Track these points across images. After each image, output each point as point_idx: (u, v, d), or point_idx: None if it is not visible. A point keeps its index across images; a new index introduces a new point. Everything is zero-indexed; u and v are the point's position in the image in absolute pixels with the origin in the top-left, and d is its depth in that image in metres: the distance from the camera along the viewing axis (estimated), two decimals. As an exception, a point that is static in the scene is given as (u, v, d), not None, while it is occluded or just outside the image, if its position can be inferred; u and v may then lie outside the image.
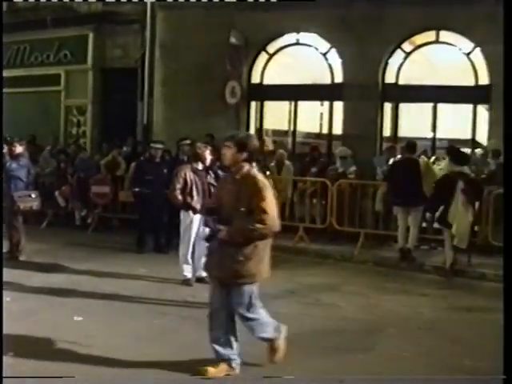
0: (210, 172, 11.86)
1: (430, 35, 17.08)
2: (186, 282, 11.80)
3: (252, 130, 19.00)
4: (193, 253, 11.96)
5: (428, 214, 14.15)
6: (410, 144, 14.51)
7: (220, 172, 11.59)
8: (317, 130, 18.95)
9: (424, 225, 15.29)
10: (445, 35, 16.88)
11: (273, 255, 14.82)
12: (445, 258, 13.75)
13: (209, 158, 11.88)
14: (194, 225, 11.80)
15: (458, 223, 13.08)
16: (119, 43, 20.65)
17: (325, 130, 18.50)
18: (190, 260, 11.91)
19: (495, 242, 14.07)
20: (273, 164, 17.55)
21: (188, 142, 15.33)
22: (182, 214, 11.89)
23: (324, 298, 11.23)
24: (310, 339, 8.90)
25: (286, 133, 19.17)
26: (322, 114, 18.51)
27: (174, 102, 19.32)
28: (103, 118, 21.06)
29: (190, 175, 11.71)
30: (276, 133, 19.79)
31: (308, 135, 19.52)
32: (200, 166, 11.86)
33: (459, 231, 13.08)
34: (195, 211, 11.70)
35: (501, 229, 14.21)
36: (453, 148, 14.52)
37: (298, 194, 16.99)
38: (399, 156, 15.35)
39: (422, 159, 14.43)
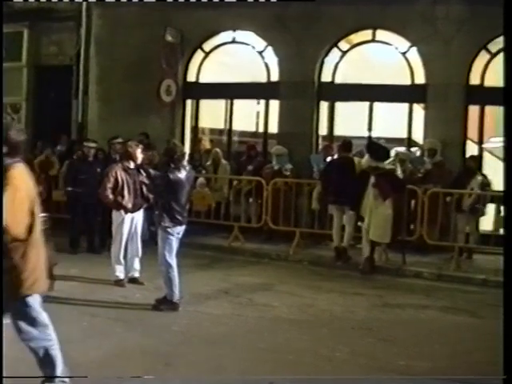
0: (141, 171, 11.65)
1: (366, 34, 17.05)
2: (118, 283, 11.59)
3: (188, 129, 18.83)
4: (125, 253, 11.75)
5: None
6: (346, 143, 14.48)
7: (152, 171, 11.44)
8: (253, 129, 18.75)
9: (360, 223, 15.28)
10: (381, 34, 16.86)
11: (207, 255, 14.94)
12: (379, 256, 13.79)
13: (140, 156, 11.68)
14: (126, 224, 11.60)
15: (371, 217, 13.12)
16: (54, 40, 20.22)
17: (261, 129, 18.28)
18: (122, 260, 11.71)
19: (431, 240, 14.10)
20: (209, 163, 17.40)
21: (119, 140, 15.10)
22: (114, 214, 11.68)
23: (258, 297, 11.10)
24: (242, 340, 8.80)
25: (222, 131, 18.91)
26: (258, 112, 18.29)
27: (109, 100, 19.01)
28: (38, 117, 20.58)
29: (121, 174, 11.51)
30: (212, 131, 19.57)
31: (244, 134, 19.32)
32: (131, 165, 11.65)
33: (375, 225, 13.08)
34: (126, 210, 11.51)
35: (436, 227, 14.53)
36: (372, 144, 14.64)
37: (233, 193, 16.86)
38: (336, 155, 15.23)
39: (357, 158, 14.35)
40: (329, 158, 15.47)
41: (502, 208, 15.16)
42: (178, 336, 8.75)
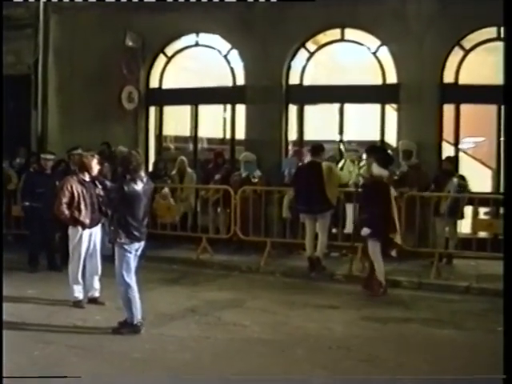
0: (97, 183, 10.84)
1: (334, 33, 16.37)
2: (76, 304, 10.80)
3: (152, 137, 18.05)
4: (83, 271, 10.97)
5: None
6: (314, 146, 13.75)
7: (108, 183, 10.65)
8: (220, 135, 17.96)
9: (334, 231, 14.62)
10: (350, 33, 16.20)
11: (175, 269, 14.17)
12: (356, 265, 13.16)
13: (96, 168, 10.86)
14: (84, 241, 10.81)
15: None
16: (12, 49, 19.20)
17: (228, 135, 17.50)
18: (80, 280, 10.93)
19: (408, 246, 13.43)
20: (174, 172, 16.64)
21: (79, 151, 14.25)
22: (71, 230, 10.88)
23: (227, 316, 10.32)
24: (211, 366, 8.04)
25: (187, 139, 18.13)
26: (224, 118, 17.52)
27: (69, 110, 18.20)
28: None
29: (76, 188, 10.71)
30: (177, 139, 18.79)
31: (211, 141, 18.58)
32: (87, 177, 10.84)
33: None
34: (84, 226, 10.72)
35: (414, 233, 13.86)
36: (376, 149, 13.74)
37: (201, 203, 16.13)
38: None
39: (326, 163, 13.59)
40: (299, 164, 14.70)
41: (480, 210, 14.63)
42: (139, 364, 7.97)
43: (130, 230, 9.19)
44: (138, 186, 9.24)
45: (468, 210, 14.26)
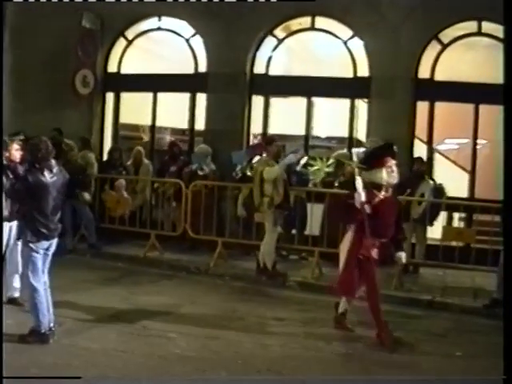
0: (9, 172, 9.65)
1: (304, 21, 15.27)
2: None
3: (108, 124, 16.92)
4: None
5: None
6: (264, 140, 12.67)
7: (21, 171, 9.44)
8: (181, 126, 16.84)
9: (293, 231, 13.58)
10: (321, 21, 15.13)
11: (119, 267, 13.08)
12: (311, 271, 12.12)
13: (17, 154, 9.69)
14: (2, 235, 9.66)
15: None
16: (-35, 28, 18.18)
17: (187, 125, 16.39)
18: (-5, 278, 9.76)
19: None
20: (129, 163, 15.55)
21: (21, 137, 13.11)
22: (-13, 222, 9.71)
23: (155, 325, 9.20)
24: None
25: (144, 128, 17.00)
26: (185, 107, 16.39)
27: (23, 93, 17.03)
28: None
29: None
30: (134, 128, 17.65)
31: (171, 131, 17.48)
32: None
33: None
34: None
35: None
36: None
37: (155, 197, 15.05)
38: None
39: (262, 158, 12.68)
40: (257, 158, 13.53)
41: (454, 216, 13.68)
42: (32, 382, 6.84)
43: (36, 226, 8.07)
44: (46, 177, 8.12)
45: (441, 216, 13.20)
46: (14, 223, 9.57)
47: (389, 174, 8.94)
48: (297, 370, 7.67)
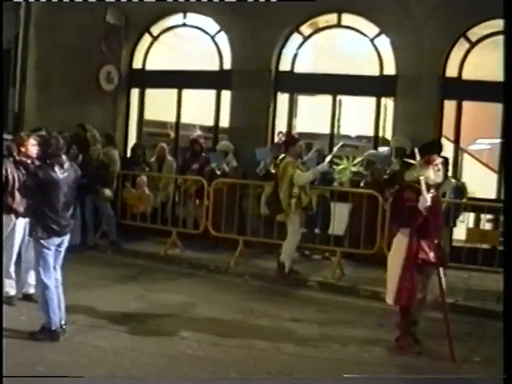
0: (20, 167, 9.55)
1: (330, 18, 15.03)
2: (6, 301, 9.55)
3: (133, 121, 16.81)
4: (18, 264, 9.76)
5: None
6: (286, 141, 12.45)
7: (32, 166, 9.33)
8: (208, 123, 16.66)
9: (317, 230, 13.38)
10: (347, 19, 14.88)
11: (138, 264, 12.95)
12: (333, 271, 11.92)
13: (34, 149, 9.56)
14: (18, 231, 9.58)
15: None
16: (-7, 21, 18.15)
17: (212, 123, 16.22)
18: (12, 273, 9.71)
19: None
20: (153, 159, 15.43)
21: (43, 132, 13.05)
22: (4, 218, 9.62)
23: (168, 324, 9.10)
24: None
25: (170, 124, 16.84)
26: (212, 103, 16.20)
27: (48, 88, 16.96)
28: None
29: (12, 171, 9.46)
30: (159, 124, 17.52)
31: (198, 128, 17.34)
32: (27, 161, 9.56)
33: None
34: (18, 215, 9.48)
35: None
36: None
37: (179, 194, 14.92)
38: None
39: (287, 159, 12.09)
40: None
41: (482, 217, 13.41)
42: (37, 381, 6.73)
43: (47, 222, 7.97)
44: (57, 173, 8.01)
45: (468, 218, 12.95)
46: (30, 219, 9.48)
47: (435, 173, 8.57)
48: (308, 373, 7.51)
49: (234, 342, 8.51)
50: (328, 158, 12.74)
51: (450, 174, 12.99)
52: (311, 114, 16.13)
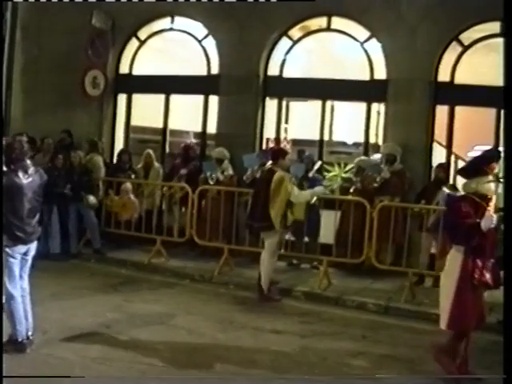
0: None
1: (320, 21, 14.70)
2: None
3: (121, 127, 16.49)
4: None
5: None
6: (274, 151, 11.82)
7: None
8: (196, 129, 16.33)
9: (306, 239, 13.02)
10: (337, 22, 14.55)
11: (121, 274, 12.56)
12: (319, 281, 11.57)
13: None
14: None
15: None
16: (-22, 25, 17.83)
17: (200, 129, 15.89)
18: None
19: (381, 264, 11.82)
20: (140, 166, 15.11)
21: (24, 138, 12.72)
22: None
23: (142, 335, 8.73)
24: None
25: (157, 131, 16.49)
26: (197, 109, 15.88)
27: (34, 93, 16.69)
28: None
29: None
30: (145, 130, 17.19)
31: (181, 134, 17.00)
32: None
33: None
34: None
35: (388, 248, 12.27)
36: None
37: (166, 201, 14.57)
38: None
39: (280, 172, 11.25)
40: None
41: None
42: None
43: (11, 229, 7.60)
44: (21, 178, 7.65)
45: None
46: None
47: (495, 184, 7.55)
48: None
49: (208, 354, 8.16)
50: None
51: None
52: (303, 120, 15.79)
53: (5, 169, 8.45)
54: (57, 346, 8.05)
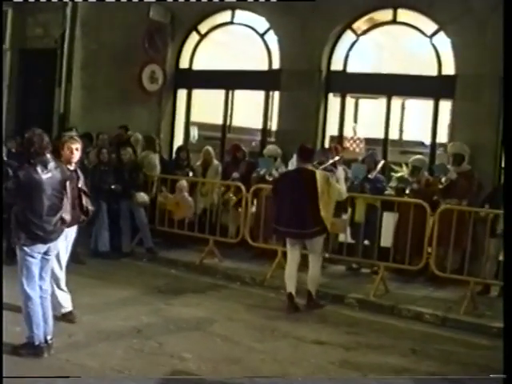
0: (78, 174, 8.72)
1: (385, 14, 14.00)
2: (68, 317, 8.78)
3: (180, 123, 16.05)
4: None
5: None
6: (303, 150, 10.83)
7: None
8: (257, 125, 15.76)
9: (366, 242, 12.35)
10: (403, 14, 13.80)
11: (170, 274, 12.07)
12: (375, 287, 10.89)
13: (76, 154, 8.68)
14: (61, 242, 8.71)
15: None
16: (40, 21, 17.63)
17: (261, 125, 15.34)
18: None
19: (441, 271, 11.05)
20: (198, 163, 14.62)
21: (73, 133, 12.44)
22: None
23: (174, 342, 8.21)
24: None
25: (218, 127, 15.97)
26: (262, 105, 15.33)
27: (93, 88, 16.41)
28: (19, 106, 18.06)
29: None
30: (206, 127, 16.70)
31: (243, 131, 16.46)
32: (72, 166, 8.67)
33: None
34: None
35: (450, 255, 11.47)
36: None
37: (222, 201, 14.02)
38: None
39: (320, 172, 10.58)
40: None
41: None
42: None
43: (29, 228, 7.18)
44: (40, 174, 7.20)
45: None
46: (70, 230, 8.60)
47: None
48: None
49: (240, 366, 7.58)
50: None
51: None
52: (371, 118, 15.10)
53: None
54: (78, 351, 7.58)
